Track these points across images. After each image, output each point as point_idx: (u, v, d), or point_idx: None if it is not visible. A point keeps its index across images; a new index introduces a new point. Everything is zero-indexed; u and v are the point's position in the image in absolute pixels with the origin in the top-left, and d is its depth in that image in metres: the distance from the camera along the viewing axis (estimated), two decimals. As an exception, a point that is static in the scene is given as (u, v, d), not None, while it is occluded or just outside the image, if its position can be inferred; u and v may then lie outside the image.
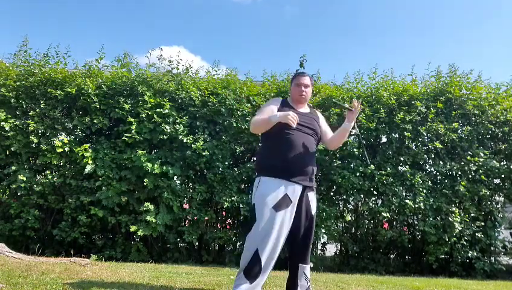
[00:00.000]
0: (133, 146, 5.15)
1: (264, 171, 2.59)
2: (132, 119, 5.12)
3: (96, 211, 4.89)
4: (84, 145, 5.08)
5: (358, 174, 5.17)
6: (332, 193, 5.53)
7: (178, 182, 5.19)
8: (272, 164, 2.56)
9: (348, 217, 5.64)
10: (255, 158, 2.87)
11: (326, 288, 3.40)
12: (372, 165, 5.21)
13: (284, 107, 2.69)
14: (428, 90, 5.76)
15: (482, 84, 5.79)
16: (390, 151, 5.43)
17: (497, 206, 5.60)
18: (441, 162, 5.43)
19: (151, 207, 4.88)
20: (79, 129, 5.21)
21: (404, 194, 5.32)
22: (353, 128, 2.82)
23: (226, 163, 5.20)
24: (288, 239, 2.61)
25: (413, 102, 5.51)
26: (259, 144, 2.77)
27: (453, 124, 5.42)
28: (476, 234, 5.21)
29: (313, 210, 2.63)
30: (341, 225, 5.61)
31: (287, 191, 2.50)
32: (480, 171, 5.33)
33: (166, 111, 5.16)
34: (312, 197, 2.64)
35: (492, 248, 5.48)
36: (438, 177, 5.52)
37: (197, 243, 5.29)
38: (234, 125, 5.21)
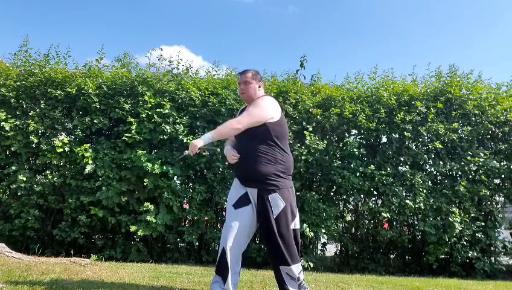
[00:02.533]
0: (133, 146, 5.15)
1: None
2: (132, 119, 5.12)
3: (96, 211, 4.89)
4: (84, 145, 5.08)
5: (358, 174, 5.16)
6: (332, 193, 5.52)
7: (178, 182, 5.19)
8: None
9: (348, 217, 5.64)
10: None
11: (326, 288, 3.40)
12: (372, 165, 5.21)
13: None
14: (429, 90, 5.76)
15: (482, 84, 5.79)
16: (390, 152, 5.43)
17: (497, 206, 5.60)
18: (441, 162, 5.43)
19: (151, 207, 4.88)
20: (79, 129, 5.20)
21: (404, 194, 5.32)
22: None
23: (226, 163, 5.20)
24: (264, 244, 2.70)
25: (413, 102, 5.51)
26: None
27: (453, 124, 5.42)
28: (476, 234, 5.21)
29: (275, 212, 2.52)
30: (341, 225, 5.61)
31: (247, 190, 2.61)
32: (481, 171, 5.32)
33: (167, 111, 5.16)
34: (273, 198, 2.53)
35: (492, 248, 5.48)
36: (438, 178, 5.51)
37: (197, 243, 5.29)
38: (234, 125, 5.20)
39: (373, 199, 5.48)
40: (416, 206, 5.12)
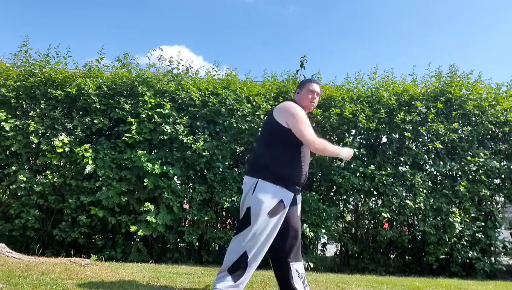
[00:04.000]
0: (133, 146, 5.15)
1: (265, 177, 2.55)
2: (132, 120, 5.12)
3: (96, 211, 4.89)
4: (85, 145, 5.08)
5: (358, 174, 5.16)
6: (332, 193, 5.52)
7: (178, 182, 5.19)
8: (285, 172, 2.57)
9: (348, 218, 5.64)
10: (251, 158, 2.83)
11: (327, 288, 3.40)
12: (372, 166, 5.21)
13: None
14: (429, 90, 5.76)
15: (483, 85, 5.79)
16: (390, 152, 5.43)
17: (497, 206, 5.60)
18: (441, 162, 5.43)
19: (152, 207, 4.88)
20: (79, 129, 5.21)
21: (404, 194, 5.32)
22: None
23: (226, 163, 5.21)
24: (279, 240, 2.61)
25: (413, 102, 5.51)
26: (263, 147, 2.68)
27: (453, 124, 5.42)
28: (476, 234, 5.21)
29: (299, 210, 2.75)
30: (341, 225, 5.61)
31: (282, 197, 2.55)
32: (481, 171, 5.32)
33: (167, 111, 5.16)
34: (300, 197, 2.76)
35: (492, 248, 5.49)
36: (438, 178, 5.52)
37: (197, 244, 5.29)
38: (234, 125, 5.21)
39: (373, 199, 5.48)
40: (416, 206, 5.12)
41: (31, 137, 5.11)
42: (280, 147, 2.60)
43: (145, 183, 4.91)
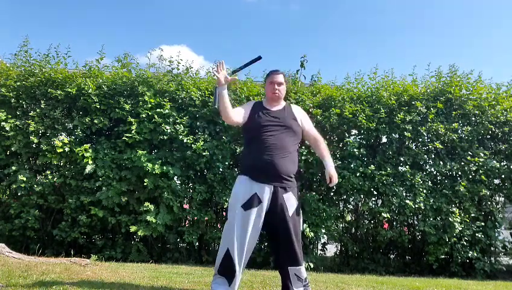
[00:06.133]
0: (133, 146, 5.15)
1: (240, 170, 2.70)
2: (132, 120, 5.12)
3: (96, 211, 4.89)
4: (85, 145, 5.09)
5: (358, 174, 5.16)
6: (332, 193, 5.52)
7: (178, 182, 5.19)
8: (246, 163, 2.67)
9: (348, 218, 5.64)
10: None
11: (326, 288, 3.40)
12: (372, 166, 5.21)
13: (256, 108, 2.81)
14: (429, 90, 5.76)
15: (483, 85, 5.79)
16: (390, 152, 5.43)
17: (497, 206, 5.59)
18: (441, 162, 5.43)
19: (151, 207, 4.88)
20: (79, 129, 5.21)
21: (404, 194, 5.32)
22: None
23: (226, 163, 5.21)
24: (270, 243, 2.67)
25: (413, 102, 5.51)
26: None
27: (453, 124, 5.42)
28: (476, 234, 5.21)
29: (290, 211, 2.57)
30: (341, 225, 5.61)
31: (257, 191, 2.54)
32: (481, 171, 5.32)
33: (167, 111, 5.16)
34: (288, 197, 2.59)
35: (492, 248, 5.48)
36: (438, 178, 5.51)
37: (197, 244, 5.29)
38: (234, 125, 5.21)
39: (373, 199, 5.48)
40: (416, 206, 5.12)
41: (31, 137, 5.11)
42: (243, 139, 2.95)
43: (145, 183, 4.91)
